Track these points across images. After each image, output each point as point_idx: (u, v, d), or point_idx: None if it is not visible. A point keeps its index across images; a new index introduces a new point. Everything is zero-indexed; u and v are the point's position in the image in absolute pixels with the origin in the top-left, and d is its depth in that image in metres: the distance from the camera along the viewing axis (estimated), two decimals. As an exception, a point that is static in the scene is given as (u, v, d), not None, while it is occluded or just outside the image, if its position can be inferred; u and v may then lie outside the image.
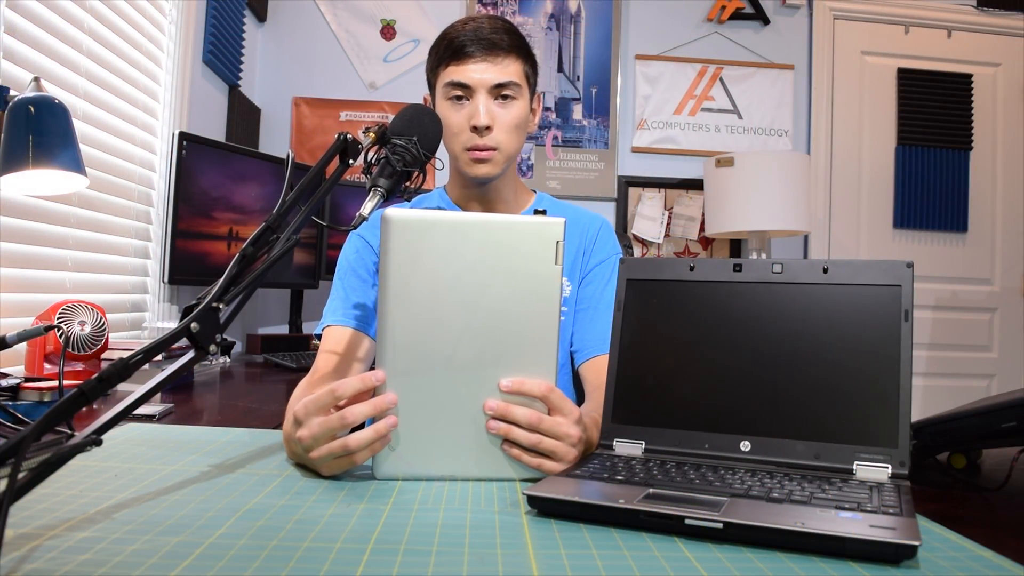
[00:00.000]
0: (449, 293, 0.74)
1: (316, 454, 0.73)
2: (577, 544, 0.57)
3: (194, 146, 2.01)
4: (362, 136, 0.95)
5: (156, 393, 0.68)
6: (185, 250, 2.02)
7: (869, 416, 0.74)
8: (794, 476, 0.71)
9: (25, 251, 1.49)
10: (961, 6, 3.21)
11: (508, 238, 0.75)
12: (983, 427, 0.88)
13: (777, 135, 3.13)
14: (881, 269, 0.78)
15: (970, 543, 0.60)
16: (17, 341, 1.05)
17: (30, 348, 1.35)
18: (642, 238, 3.04)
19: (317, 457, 0.73)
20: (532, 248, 0.75)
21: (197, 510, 0.62)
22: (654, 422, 0.82)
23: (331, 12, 2.96)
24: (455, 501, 0.68)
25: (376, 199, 0.89)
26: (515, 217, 0.79)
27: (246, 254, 0.76)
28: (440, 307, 0.74)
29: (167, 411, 1.21)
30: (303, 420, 0.73)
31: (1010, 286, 3.23)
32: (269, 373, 1.95)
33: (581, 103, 3.05)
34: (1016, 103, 3.25)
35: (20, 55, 1.44)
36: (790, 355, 0.79)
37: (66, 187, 1.37)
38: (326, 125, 2.93)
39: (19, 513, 0.59)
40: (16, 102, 1.22)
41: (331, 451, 0.72)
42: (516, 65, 1.15)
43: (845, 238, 3.18)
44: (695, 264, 0.86)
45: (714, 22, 3.11)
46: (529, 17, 3.03)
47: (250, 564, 0.51)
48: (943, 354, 3.17)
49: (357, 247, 1.21)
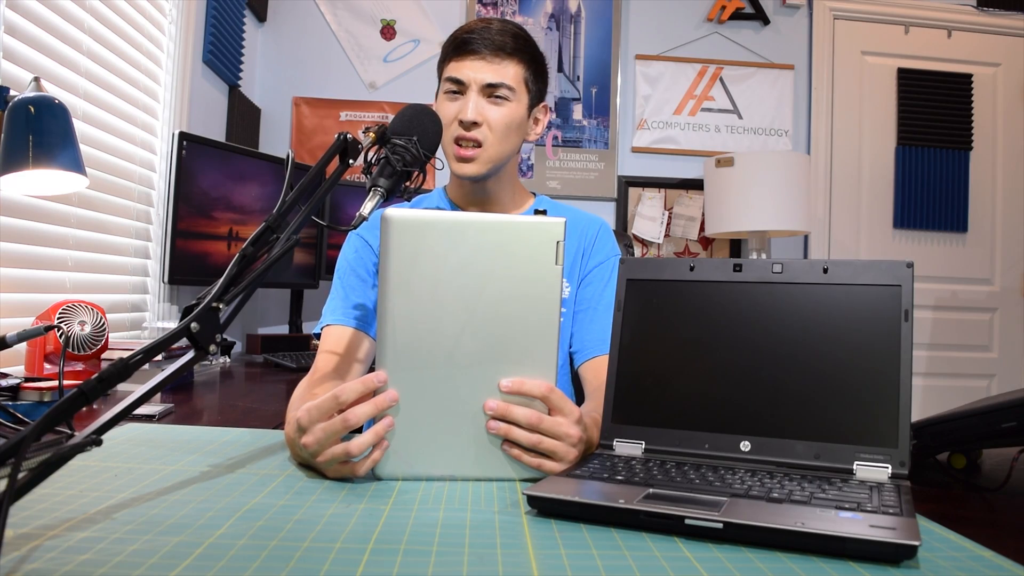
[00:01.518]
0: (449, 293, 0.74)
1: (322, 459, 0.73)
2: (577, 544, 0.57)
3: (194, 146, 2.01)
4: (362, 136, 0.95)
5: (156, 393, 0.68)
6: (185, 250, 2.02)
7: (869, 416, 0.74)
8: (794, 476, 0.71)
9: (25, 251, 1.49)
10: (961, 6, 3.21)
11: (508, 238, 0.75)
12: (983, 427, 0.88)
13: (777, 135, 3.13)
14: (881, 269, 0.78)
15: (970, 543, 0.60)
16: (17, 341, 1.05)
17: (30, 348, 1.35)
18: (642, 238, 3.04)
19: (323, 461, 0.73)
20: (532, 248, 0.75)
21: (197, 510, 0.62)
22: (654, 422, 0.82)
23: (331, 12, 2.96)
24: (455, 501, 0.68)
25: (376, 199, 0.89)
26: (515, 217, 0.78)
27: (246, 254, 0.76)
28: (440, 307, 0.74)
29: (167, 411, 1.21)
30: (306, 426, 0.73)
31: (1010, 286, 3.23)
32: (269, 373, 1.95)
33: (581, 103, 3.05)
34: (1016, 103, 3.25)
35: (20, 55, 1.44)
36: (790, 355, 0.79)
37: (66, 187, 1.37)
38: (326, 125, 2.93)
39: (19, 513, 0.59)
40: (16, 102, 1.22)
41: (334, 456, 0.72)
42: (515, 69, 1.15)
43: (845, 238, 3.18)
44: (695, 264, 0.86)
45: (714, 22, 3.11)
46: (529, 17, 3.03)
47: (250, 564, 0.51)
48: (943, 354, 3.17)
49: (356, 247, 1.21)
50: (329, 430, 0.71)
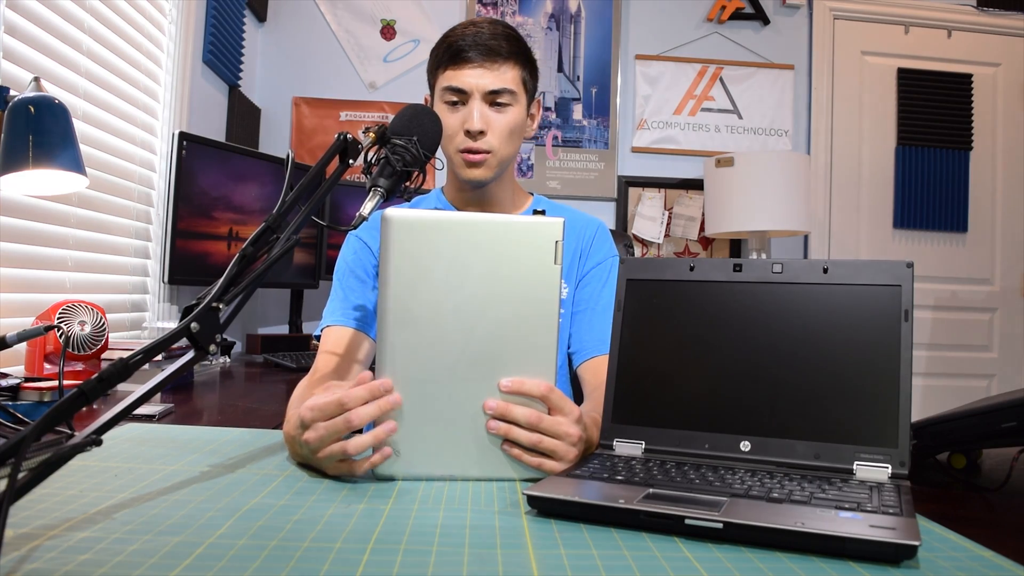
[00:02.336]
0: (449, 293, 0.74)
1: (321, 455, 0.73)
2: (577, 544, 0.57)
3: (194, 146, 2.01)
4: (362, 136, 0.95)
5: (156, 393, 0.68)
6: (185, 250, 2.02)
7: (869, 416, 0.74)
8: (794, 476, 0.71)
9: (25, 251, 1.49)
10: (961, 6, 3.21)
11: (508, 238, 0.75)
12: (983, 427, 0.88)
13: (777, 135, 3.13)
14: (881, 269, 0.78)
15: (970, 543, 0.60)
16: (17, 341, 1.05)
17: (30, 348, 1.35)
18: (642, 238, 3.04)
19: (324, 457, 0.73)
20: (531, 248, 0.75)
21: (197, 510, 0.62)
22: (654, 422, 0.82)
23: (331, 12, 2.96)
24: (455, 501, 0.68)
25: (376, 199, 0.89)
26: (514, 217, 0.79)
27: (246, 254, 0.76)
28: (440, 307, 0.74)
29: (167, 411, 1.21)
30: (309, 423, 0.73)
31: (1010, 286, 3.23)
32: (269, 373, 1.95)
33: (581, 103, 3.05)
34: (1016, 103, 3.25)
35: (20, 55, 1.44)
36: (790, 355, 0.79)
37: (66, 187, 1.37)
38: (326, 125, 2.93)
39: (19, 513, 0.59)
40: (16, 102, 1.22)
41: (332, 454, 0.73)
42: (513, 72, 1.15)
43: (845, 238, 3.18)
44: (695, 264, 0.86)
45: (714, 22, 3.11)
46: (529, 17, 3.03)
47: (250, 564, 0.51)
48: (943, 354, 3.17)
49: (355, 249, 1.21)
50: (331, 428, 0.72)
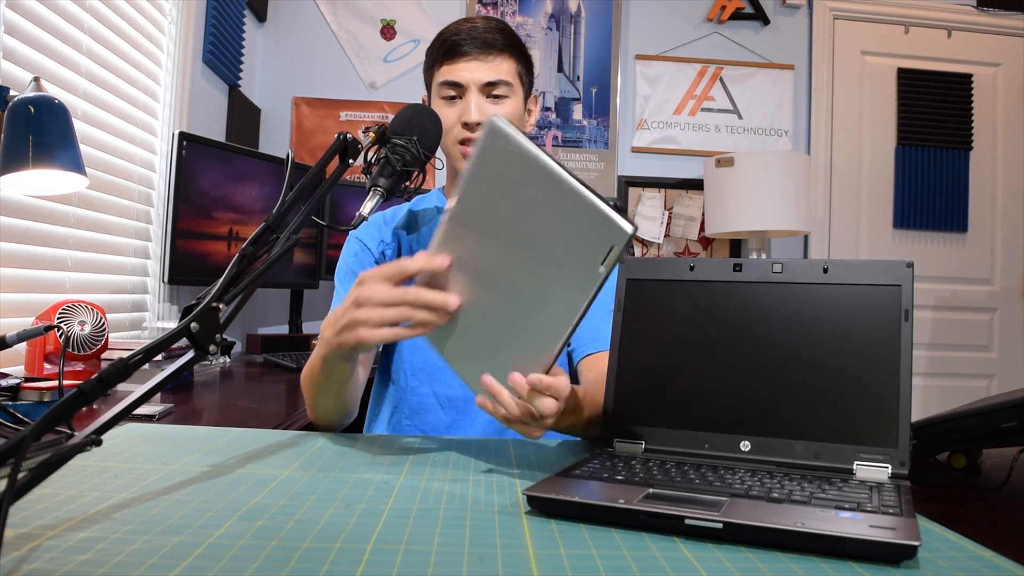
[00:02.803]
0: (508, 220, 0.75)
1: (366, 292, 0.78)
2: (577, 544, 0.57)
3: (194, 146, 2.01)
4: (362, 136, 0.95)
5: (156, 393, 0.68)
6: (185, 250, 2.02)
7: (869, 416, 0.74)
8: (794, 476, 0.71)
9: (25, 251, 1.49)
10: (961, 6, 3.21)
11: (575, 212, 0.70)
12: (983, 427, 0.88)
13: (777, 135, 3.13)
14: (881, 269, 0.78)
15: (970, 543, 0.60)
16: (17, 341, 1.05)
17: (30, 348, 1.35)
18: (642, 238, 3.04)
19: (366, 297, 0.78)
20: (587, 237, 0.70)
21: (197, 510, 0.62)
22: (654, 422, 0.82)
23: (331, 12, 2.96)
24: (455, 501, 0.68)
25: (376, 199, 0.89)
26: (594, 197, 0.70)
27: (246, 254, 0.76)
28: (498, 227, 0.76)
29: (167, 411, 1.21)
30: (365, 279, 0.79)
31: (1010, 286, 3.23)
32: (269, 373, 1.95)
33: (581, 103, 3.05)
34: (1016, 103, 3.25)
35: (20, 55, 1.44)
36: (790, 355, 0.79)
37: (66, 187, 1.37)
38: (326, 125, 2.93)
39: (19, 513, 0.59)
40: (16, 102, 1.22)
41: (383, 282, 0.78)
42: (509, 64, 1.15)
43: (845, 238, 3.17)
44: (695, 264, 0.86)
45: (714, 22, 3.11)
46: (529, 17, 3.03)
47: (250, 564, 0.51)
48: (943, 354, 3.17)
49: (355, 250, 1.21)
50: (386, 273, 0.78)
